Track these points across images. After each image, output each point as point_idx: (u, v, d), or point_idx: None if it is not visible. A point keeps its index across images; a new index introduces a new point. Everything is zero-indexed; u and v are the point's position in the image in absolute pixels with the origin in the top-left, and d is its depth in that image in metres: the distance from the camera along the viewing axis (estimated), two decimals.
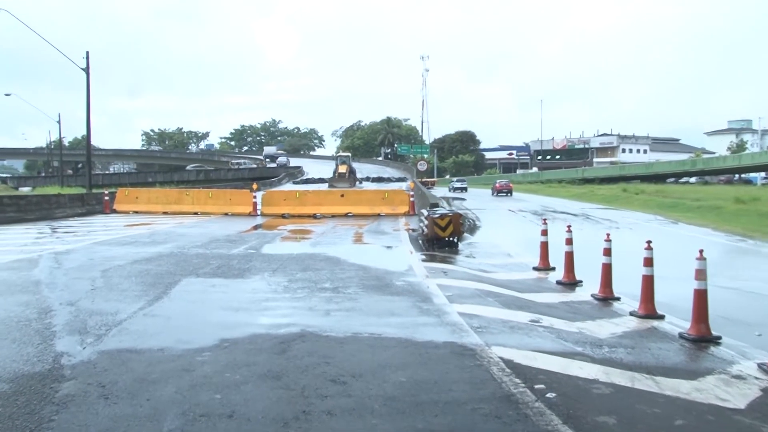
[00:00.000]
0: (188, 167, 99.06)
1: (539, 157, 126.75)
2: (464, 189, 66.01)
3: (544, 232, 12.76)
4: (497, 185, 61.63)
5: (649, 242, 8.28)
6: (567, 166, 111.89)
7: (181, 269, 11.68)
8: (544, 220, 13.46)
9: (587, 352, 6.74)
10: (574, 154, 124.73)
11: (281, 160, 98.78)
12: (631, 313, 8.52)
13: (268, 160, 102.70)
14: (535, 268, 12.63)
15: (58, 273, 11.19)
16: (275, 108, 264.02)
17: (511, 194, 58.73)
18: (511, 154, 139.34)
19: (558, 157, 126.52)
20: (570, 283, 10.87)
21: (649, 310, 8.39)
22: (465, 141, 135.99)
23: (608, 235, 9.75)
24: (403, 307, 8.63)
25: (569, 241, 11.14)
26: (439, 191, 56.51)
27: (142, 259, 13.02)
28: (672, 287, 9.95)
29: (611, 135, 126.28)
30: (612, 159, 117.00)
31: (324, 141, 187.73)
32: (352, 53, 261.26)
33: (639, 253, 8.46)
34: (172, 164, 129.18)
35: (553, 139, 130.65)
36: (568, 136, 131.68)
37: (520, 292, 10.06)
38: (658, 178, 78.15)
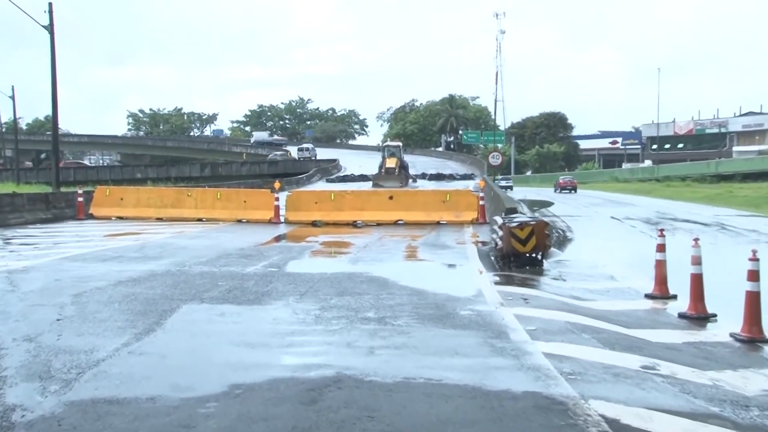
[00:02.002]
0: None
1: (654, 147, 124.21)
2: (509, 188, 72.50)
3: (661, 248, 12.55)
4: (561, 181, 72.79)
5: None
6: (694, 157, 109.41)
7: (180, 293, 11.88)
8: (661, 231, 13.21)
9: (727, 415, 6.54)
10: (704, 142, 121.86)
11: (278, 153, 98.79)
12: None
13: (271, 153, 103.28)
14: (648, 296, 12.44)
15: (12, 298, 11.27)
16: (303, 84, 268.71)
17: (575, 191, 68.83)
18: (614, 142, 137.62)
19: (681, 145, 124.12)
20: (699, 316, 10.64)
21: None
22: (552, 126, 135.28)
23: (754, 252, 9.49)
24: (470, 345, 8.58)
25: (697, 260, 10.90)
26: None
27: (128, 279, 13.27)
28: None
29: (760, 114, 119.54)
30: (761, 147, 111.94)
31: (367, 127, 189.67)
32: (404, 12, 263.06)
33: None
34: (169, 156, 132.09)
35: (674, 121, 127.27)
36: (696, 118, 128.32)
37: (627, 328, 9.90)
38: None
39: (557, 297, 12.20)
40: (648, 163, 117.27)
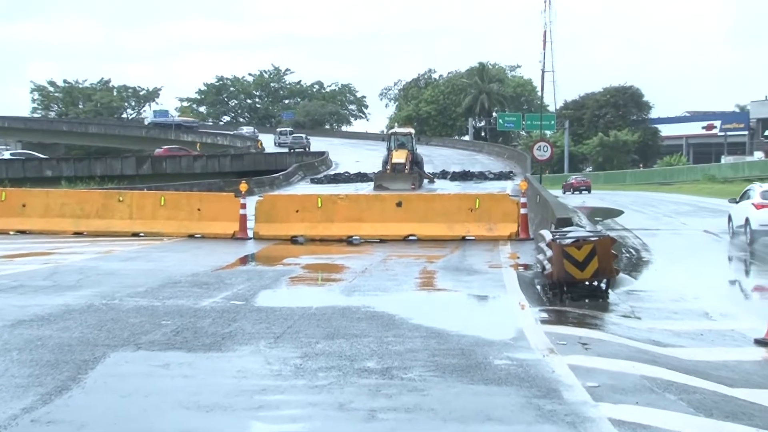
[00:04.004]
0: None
1: (767, 133, 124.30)
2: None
3: None
4: (573, 181, 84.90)
5: None
6: None
7: (106, 336, 11.85)
8: None
9: None
10: None
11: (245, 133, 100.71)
12: None
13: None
14: (759, 342, 12.40)
15: None
16: (281, 48, 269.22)
17: (590, 191, 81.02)
18: (710, 127, 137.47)
19: None
20: None
21: None
22: (622, 106, 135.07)
23: None
24: (507, 407, 8.54)
25: None
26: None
27: (33, 317, 13.22)
28: None
29: None
30: None
31: (367, 108, 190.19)
32: None
33: None
34: (93, 146, 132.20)
35: None
36: None
37: (730, 386, 9.84)
38: None
39: (629, 341, 12.14)
40: (759, 155, 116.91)
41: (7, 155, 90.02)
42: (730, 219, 31.41)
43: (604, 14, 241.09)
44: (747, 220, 28.85)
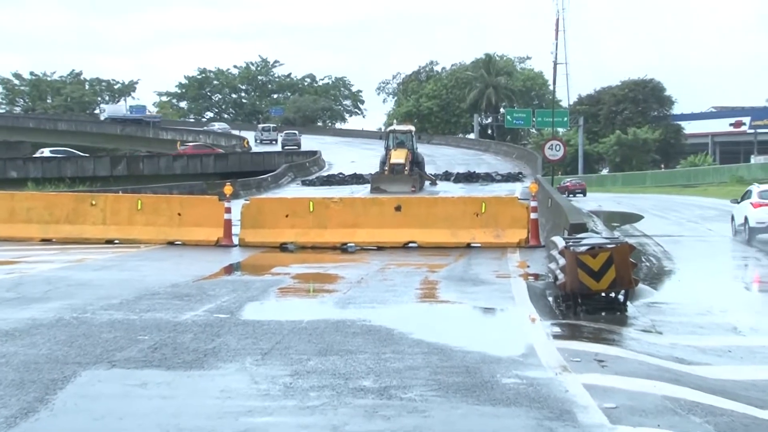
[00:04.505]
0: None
1: None
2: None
3: None
4: (569, 184, 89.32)
5: None
6: None
7: (78, 353, 11.83)
8: None
9: None
10: None
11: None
12: None
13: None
14: None
15: None
16: (269, 38, 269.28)
17: (585, 194, 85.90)
18: (738, 124, 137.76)
19: None
20: None
21: None
22: (642, 101, 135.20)
23: None
24: (517, 431, 8.55)
25: None
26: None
27: None
28: None
29: None
30: None
31: (363, 103, 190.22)
32: None
33: None
34: (63, 144, 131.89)
35: None
36: None
37: (761, 409, 9.84)
38: None
39: (650, 358, 12.14)
40: None
41: None
42: (732, 218, 35.32)
43: (622, 0, 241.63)
44: (746, 218, 32.89)
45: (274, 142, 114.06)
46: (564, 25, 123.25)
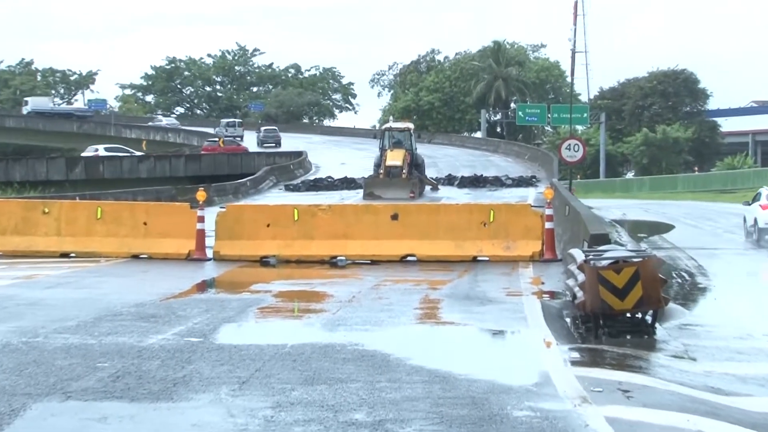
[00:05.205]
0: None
1: None
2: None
3: None
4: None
5: None
6: None
7: (28, 383, 11.78)
8: None
9: None
10: None
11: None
12: None
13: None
14: None
15: None
16: (248, 23, 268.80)
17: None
18: None
19: None
20: None
21: None
22: (673, 95, 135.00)
23: None
24: None
25: None
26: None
27: None
28: None
29: None
30: None
31: (355, 97, 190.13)
32: None
33: None
34: (10, 144, 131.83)
35: None
36: None
37: None
38: None
39: (682, 388, 12.11)
40: None
41: None
42: (744, 220, 40.64)
43: None
44: (755, 220, 37.96)
45: (239, 139, 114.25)
46: (584, 8, 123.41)
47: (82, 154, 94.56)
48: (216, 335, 15.29)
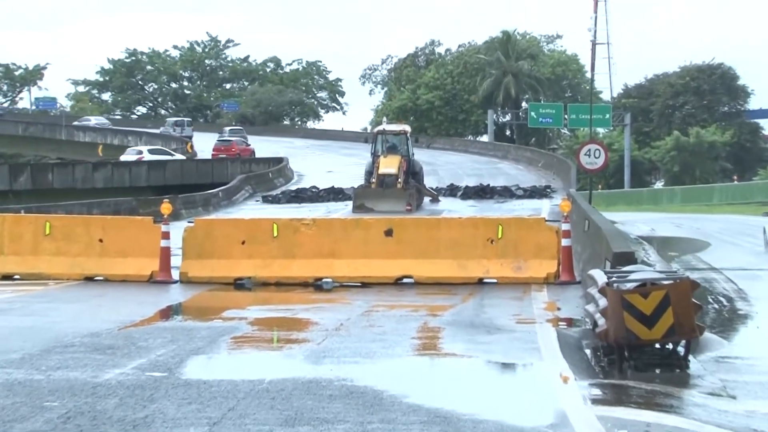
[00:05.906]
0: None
1: None
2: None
3: None
4: None
5: None
6: None
7: None
8: None
9: None
10: None
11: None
12: None
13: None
14: None
15: None
16: (219, 8, 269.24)
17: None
18: None
19: None
20: None
21: None
22: (708, 92, 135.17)
23: None
24: None
25: None
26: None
27: None
28: None
29: None
30: None
31: (343, 96, 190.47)
32: None
33: None
34: None
35: None
36: None
37: None
38: None
39: (720, 431, 12.10)
40: None
41: None
42: (764, 232, 43.67)
43: None
44: None
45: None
46: None
47: (121, 158, 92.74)
48: (182, 369, 15.27)
